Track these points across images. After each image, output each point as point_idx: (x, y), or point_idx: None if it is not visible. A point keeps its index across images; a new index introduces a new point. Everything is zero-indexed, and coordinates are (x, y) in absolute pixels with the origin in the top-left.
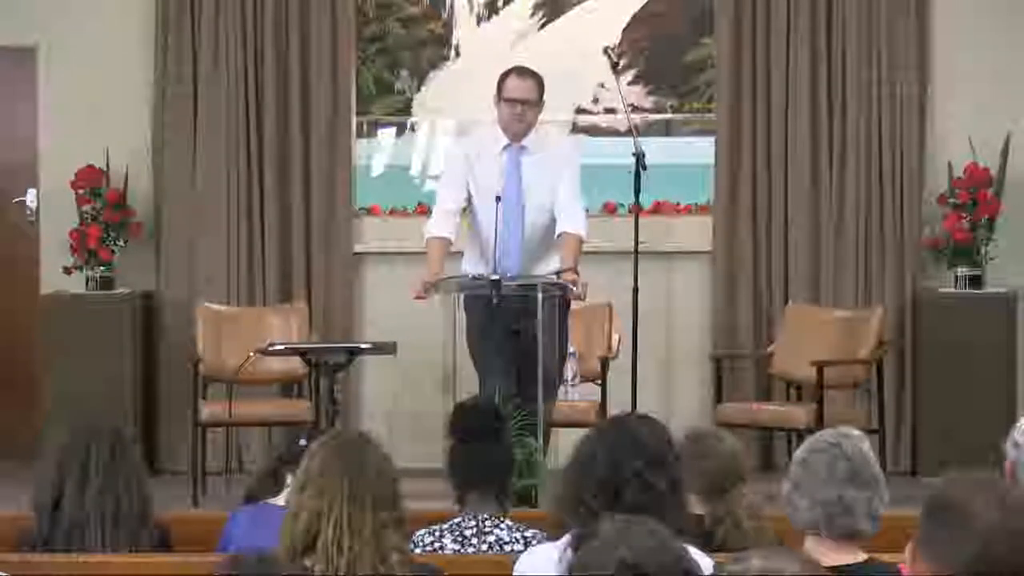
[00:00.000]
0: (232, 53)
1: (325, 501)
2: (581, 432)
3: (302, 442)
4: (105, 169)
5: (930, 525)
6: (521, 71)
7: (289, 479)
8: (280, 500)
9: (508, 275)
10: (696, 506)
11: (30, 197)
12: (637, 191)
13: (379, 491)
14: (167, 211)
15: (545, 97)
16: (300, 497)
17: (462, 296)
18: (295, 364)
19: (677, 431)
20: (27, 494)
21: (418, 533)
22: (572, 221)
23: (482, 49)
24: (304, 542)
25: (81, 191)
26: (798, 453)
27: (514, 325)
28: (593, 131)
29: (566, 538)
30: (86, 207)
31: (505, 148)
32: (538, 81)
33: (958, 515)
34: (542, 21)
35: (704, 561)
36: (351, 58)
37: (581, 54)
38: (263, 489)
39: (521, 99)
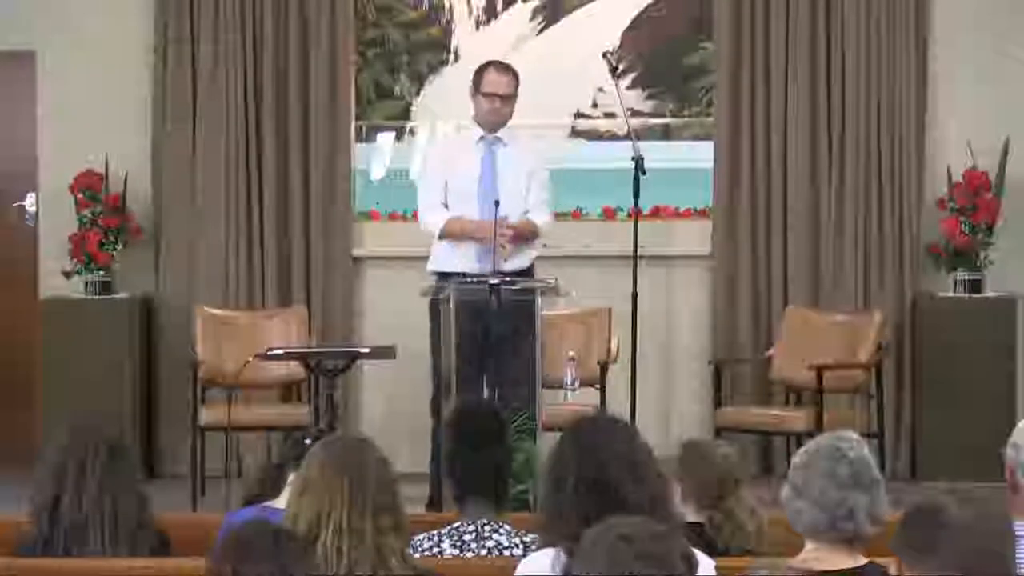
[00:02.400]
0: (231, 57)
1: (325, 504)
2: None
3: (307, 441)
4: (104, 173)
5: (910, 530)
6: (499, 66)
7: (292, 477)
8: (280, 502)
9: (487, 269)
10: (694, 514)
11: (29, 201)
12: (636, 195)
13: (379, 494)
14: (166, 215)
15: (519, 91)
16: (300, 500)
17: (451, 294)
18: (294, 368)
19: (676, 435)
20: (26, 497)
21: (417, 538)
22: (538, 216)
23: (481, 53)
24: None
25: (80, 195)
26: (798, 457)
27: (491, 323)
28: (592, 135)
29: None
30: (85, 211)
31: (481, 139)
32: (515, 76)
33: (934, 517)
34: (541, 25)
35: (705, 561)
36: (350, 63)
37: (580, 58)
38: (262, 491)
39: (501, 94)
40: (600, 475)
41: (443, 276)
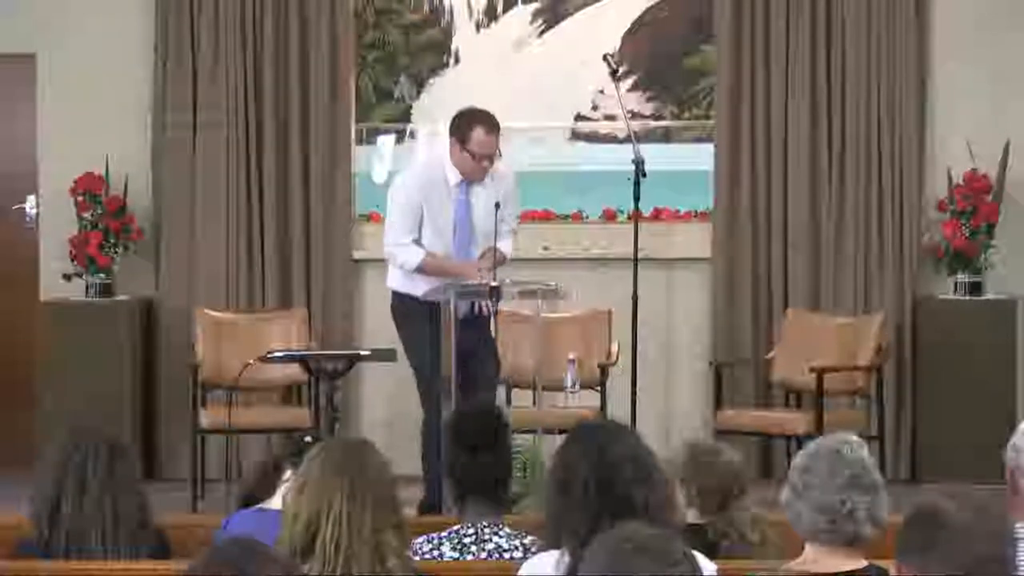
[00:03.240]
0: (231, 60)
1: (324, 500)
2: None
3: (307, 439)
4: (105, 176)
5: (911, 532)
6: (488, 125)
7: (287, 474)
8: (275, 503)
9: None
10: (696, 516)
11: (29, 204)
12: (637, 198)
13: (379, 492)
14: (167, 218)
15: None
16: (299, 498)
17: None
18: (295, 371)
19: (676, 438)
20: (26, 498)
21: (416, 541)
22: (504, 244)
23: (481, 56)
24: (303, 542)
25: (80, 198)
26: (798, 460)
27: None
28: (592, 138)
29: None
30: (86, 214)
31: (459, 183)
32: (499, 129)
33: (935, 519)
34: (541, 28)
35: (706, 564)
36: (350, 65)
37: (580, 61)
38: (259, 491)
39: (491, 155)
40: (609, 476)
41: (400, 296)
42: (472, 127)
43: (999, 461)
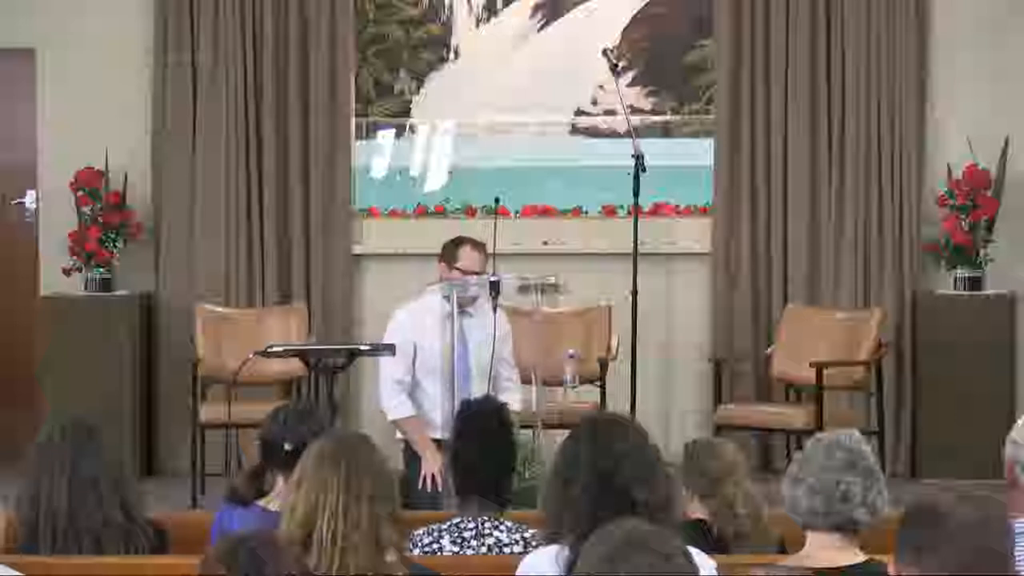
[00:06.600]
0: (231, 55)
1: (321, 493)
2: None
3: (287, 447)
4: (104, 170)
5: (909, 528)
6: (475, 243)
7: (279, 483)
8: (272, 504)
9: None
10: (699, 510)
11: (29, 198)
12: (636, 193)
13: (376, 485)
14: (166, 212)
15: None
16: (297, 492)
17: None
18: (294, 365)
19: (676, 432)
20: (13, 497)
21: (416, 532)
22: (507, 397)
23: (481, 51)
24: (301, 537)
25: (80, 192)
26: (797, 453)
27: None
28: (592, 132)
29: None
30: (85, 208)
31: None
32: (486, 248)
33: (933, 517)
34: (541, 22)
35: (706, 561)
36: (350, 60)
37: (580, 55)
38: (249, 487)
39: (477, 271)
40: (610, 472)
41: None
42: (460, 246)
43: (998, 456)
